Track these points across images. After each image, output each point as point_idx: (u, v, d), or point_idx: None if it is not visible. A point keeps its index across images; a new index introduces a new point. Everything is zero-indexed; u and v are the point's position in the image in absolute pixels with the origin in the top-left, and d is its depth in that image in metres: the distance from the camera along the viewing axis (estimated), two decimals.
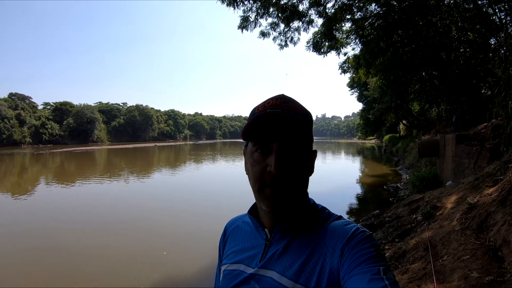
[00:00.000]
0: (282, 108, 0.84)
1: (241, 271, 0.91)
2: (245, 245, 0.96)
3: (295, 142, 0.83)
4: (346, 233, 0.80)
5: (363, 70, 17.72)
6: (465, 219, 4.51)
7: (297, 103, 0.88)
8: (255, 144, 0.86)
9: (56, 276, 6.40)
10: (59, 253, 7.55)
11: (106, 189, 16.52)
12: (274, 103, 0.86)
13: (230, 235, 1.05)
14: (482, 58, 11.76)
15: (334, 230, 0.83)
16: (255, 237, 0.95)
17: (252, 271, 0.88)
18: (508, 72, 5.18)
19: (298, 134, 0.84)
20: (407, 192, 11.98)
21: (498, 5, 9.87)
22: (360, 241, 0.77)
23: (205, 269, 6.48)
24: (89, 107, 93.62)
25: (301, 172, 0.85)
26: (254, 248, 0.93)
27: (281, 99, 0.87)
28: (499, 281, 2.88)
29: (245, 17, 12.75)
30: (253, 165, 0.86)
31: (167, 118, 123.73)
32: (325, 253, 0.80)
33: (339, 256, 0.77)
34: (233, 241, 1.02)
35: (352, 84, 42.67)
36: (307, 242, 0.84)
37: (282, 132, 0.83)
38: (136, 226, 9.67)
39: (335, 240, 0.80)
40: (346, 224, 0.84)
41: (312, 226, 0.87)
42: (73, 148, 58.12)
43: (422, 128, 24.17)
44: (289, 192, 0.83)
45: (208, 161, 34.02)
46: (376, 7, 13.43)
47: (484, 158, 7.16)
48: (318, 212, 0.91)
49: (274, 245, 0.89)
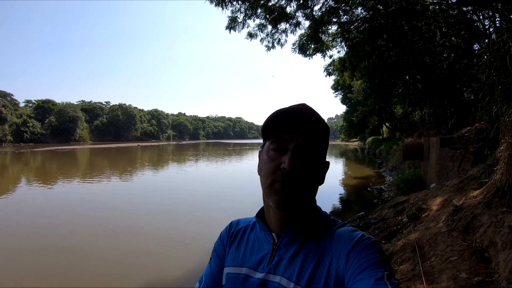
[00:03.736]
0: (307, 113, 0.88)
1: (247, 275, 0.92)
2: (252, 249, 0.97)
3: (312, 145, 0.86)
4: (352, 239, 0.82)
5: (348, 73, 17.91)
6: (451, 221, 4.60)
7: (317, 113, 0.89)
8: (273, 142, 0.89)
9: (43, 277, 6.29)
10: (44, 254, 7.40)
11: (90, 189, 16.26)
12: (297, 108, 0.88)
13: (234, 236, 1.05)
14: (466, 63, 12.01)
15: (341, 236, 0.85)
16: (262, 241, 0.96)
17: (260, 276, 0.89)
18: (492, 77, 5.28)
19: (316, 138, 0.87)
20: (391, 194, 12.11)
21: (483, 12, 10.10)
22: (365, 247, 0.79)
23: (193, 269, 6.47)
24: (72, 105, 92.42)
25: (313, 176, 0.87)
26: (261, 252, 0.94)
27: (304, 106, 0.89)
28: (487, 282, 2.95)
29: (233, 18, 12.72)
30: (267, 162, 0.88)
31: (150, 118, 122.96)
32: (331, 258, 0.82)
33: (345, 261, 0.79)
34: (238, 243, 1.02)
35: (337, 87, 43.14)
36: (315, 248, 0.86)
37: (301, 133, 0.85)
38: (121, 226, 9.55)
39: (341, 246, 0.82)
40: (352, 231, 0.86)
41: (319, 231, 0.89)
42: (55, 147, 57.04)
43: (405, 131, 24.51)
44: (298, 191, 0.84)
45: (192, 162, 33.83)
46: (362, 11, 13.53)
47: (468, 161, 7.31)
48: (324, 218, 0.93)
49: (282, 249, 0.90)
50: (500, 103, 4.98)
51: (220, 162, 33.23)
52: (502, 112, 4.77)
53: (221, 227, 1.10)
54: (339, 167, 28.25)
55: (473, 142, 7.63)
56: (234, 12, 12.64)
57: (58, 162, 32.28)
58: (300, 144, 0.85)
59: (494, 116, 5.42)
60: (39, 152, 45.61)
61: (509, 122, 4.37)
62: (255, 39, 13.95)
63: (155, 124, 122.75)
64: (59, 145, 66.00)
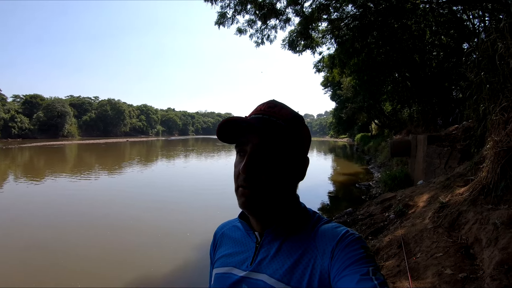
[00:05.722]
0: (264, 114, 0.87)
1: (232, 274, 0.92)
2: (236, 249, 0.97)
3: (271, 145, 0.84)
4: (336, 235, 0.81)
5: (337, 70, 17.98)
6: (437, 217, 4.64)
7: (284, 109, 0.89)
8: (236, 146, 0.89)
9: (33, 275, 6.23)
10: (31, 251, 7.34)
11: (80, 185, 16.18)
12: (260, 109, 0.89)
13: (220, 239, 1.06)
14: (455, 62, 12.14)
15: (325, 232, 0.84)
16: (245, 240, 0.96)
17: (243, 274, 0.89)
18: (480, 76, 5.33)
19: (275, 138, 0.84)
20: (379, 191, 12.21)
21: (472, 12, 10.20)
22: (349, 243, 0.78)
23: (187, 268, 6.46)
24: (60, 100, 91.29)
25: (278, 175, 0.85)
26: (245, 251, 0.94)
27: (268, 105, 0.89)
28: (472, 278, 2.98)
29: (222, 13, 12.68)
30: (234, 166, 0.89)
31: (139, 113, 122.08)
32: (315, 255, 0.81)
33: (329, 258, 0.78)
34: (223, 245, 1.03)
35: (326, 83, 43.18)
36: (298, 245, 0.85)
37: (257, 134, 0.84)
38: (111, 222, 9.53)
39: (325, 242, 0.81)
40: (336, 227, 0.85)
41: (302, 229, 0.88)
42: (43, 143, 56.19)
43: (394, 128, 24.71)
44: (260, 194, 0.84)
45: (181, 157, 33.79)
46: (352, 8, 13.58)
47: (455, 158, 7.39)
48: (308, 215, 0.92)
49: (265, 247, 0.90)
50: (487, 102, 5.03)
51: (210, 160, 33.20)
52: (490, 110, 4.83)
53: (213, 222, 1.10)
54: (327, 164, 28.39)
55: (460, 140, 7.72)
56: (223, 8, 12.63)
57: (46, 158, 31.98)
58: (256, 145, 0.84)
59: (481, 115, 5.49)
60: (27, 147, 44.99)
61: (496, 120, 4.41)
62: (244, 35, 13.97)
63: (144, 119, 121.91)
64: (47, 141, 65.08)
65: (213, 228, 1.06)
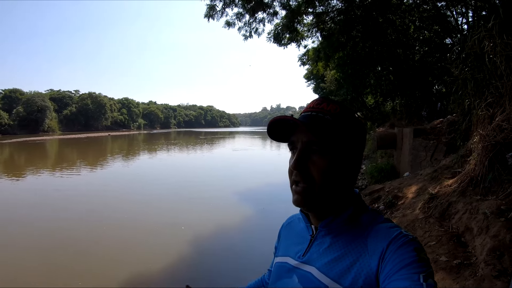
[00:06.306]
0: (313, 111, 0.89)
1: (287, 263, 0.98)
2: (295, 240, 1.02)
3: (319, 141, 0.85)
4: (388, 236, 0.80)
5: (322, 63, 18.11)
6: (428, 208, 4.85)
7: (332, 104, 0.89)
8: (288, 145, 0.92)
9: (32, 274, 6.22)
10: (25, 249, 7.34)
11: (64, 182, 16.03)
12: (310, 106, 0.92)
13: (284, 230, 1.13)
14: (438, 57, 12.42)
15: (378, 232, 0.83)
16: (304, 233, 1.00)
17: (295, 264, 0.94)
18: (465, 73, 5.53)
19: (323, 133, 0.84)
20: (365, 182, 12.40)
21: (456, 8, 10.43)
22: (402, 245, 0.77)
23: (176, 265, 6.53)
24: (40, 94, 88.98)
25: (329, 171, 0.86)
26: (302, 243, 0.98)
27: (317, 102, 0.91)
28: (466, 264, 3.19)
29: (211, 6, 12.72)
30: (289, 163, 0.91)
31: (120, 107, 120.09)
32: (364, 254, 0.81)
33: (379, 259, 0.78)
34: (286, 236, 1.09)
35: (309, 76, 43.08)
36: (349, 242, 0.86)
37: (304, 133, 0.87)
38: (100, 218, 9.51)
39: (376, 243, 0.81)
40: (390, 227, 0.84)
41: (356, 226, 0.89)
42: (23, 139, 54.82)
43: (377, 121, 24.95)
44: (312, 189, 0.86)
45: (163, 150, 33.57)
46: (338, 2, 13.72)
47: (441, 151, 7.65)
48: (365, 212, 0.92)
49: (318, 241, 0.93)
50: (472, 97, 5.25)
51: (192, 153, 33.10)
52: (475, 105, 5.04)
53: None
54: None
55: (445, 133, 7.96)
56: (212, 0, 12.63)
57: (27, 154, 31.39)
58: (305, 142, 0.87)
59: (466, 109, 5.71)
60: (7, 144, 43.84)
61: (481, 115, 4.62)
62: (233, 28, 13.96)
63: (126, 113, 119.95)
64: (27, 136, 63.43)
65: (211, 221, 1.14)
